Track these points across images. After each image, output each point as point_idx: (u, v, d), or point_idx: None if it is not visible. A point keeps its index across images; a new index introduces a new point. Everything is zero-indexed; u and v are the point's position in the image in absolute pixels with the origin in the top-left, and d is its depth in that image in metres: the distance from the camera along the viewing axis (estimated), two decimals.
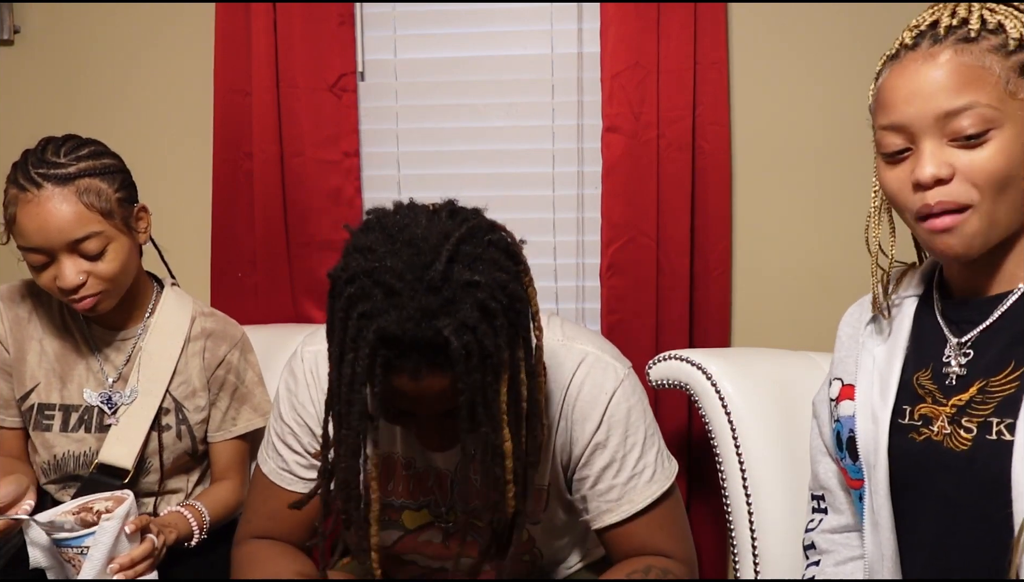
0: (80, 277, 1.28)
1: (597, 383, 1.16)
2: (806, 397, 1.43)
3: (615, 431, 1.15)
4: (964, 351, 0.98)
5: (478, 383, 0.92)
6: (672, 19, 1.69)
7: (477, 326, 0.90)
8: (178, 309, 1.45)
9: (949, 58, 0.93)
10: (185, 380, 1.43)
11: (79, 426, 1.38)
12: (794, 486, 1.39)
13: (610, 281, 1.76)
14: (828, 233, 1.78)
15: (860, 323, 1.13)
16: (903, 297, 1.08)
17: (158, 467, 1.40)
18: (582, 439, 1.15)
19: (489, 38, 1.83)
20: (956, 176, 0.92)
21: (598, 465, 1.15)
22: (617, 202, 1.74)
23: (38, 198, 1.26)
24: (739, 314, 1.82)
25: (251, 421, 1.49)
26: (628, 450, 1.16)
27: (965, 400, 0.96)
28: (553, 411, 1.15)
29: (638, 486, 1.16)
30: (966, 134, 0.91)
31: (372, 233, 0.95)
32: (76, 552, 1.18)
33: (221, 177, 1.82)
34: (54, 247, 1.27)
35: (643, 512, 1.16)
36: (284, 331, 1.70)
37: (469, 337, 0.89)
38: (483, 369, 0.92)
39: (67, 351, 1.41)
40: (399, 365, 0.91)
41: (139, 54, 1.88)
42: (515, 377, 0.97)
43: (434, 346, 0.89)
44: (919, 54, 0.95)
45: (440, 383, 0.93)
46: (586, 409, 1.15)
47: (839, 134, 1.76)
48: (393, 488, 1.20)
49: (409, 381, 0.92)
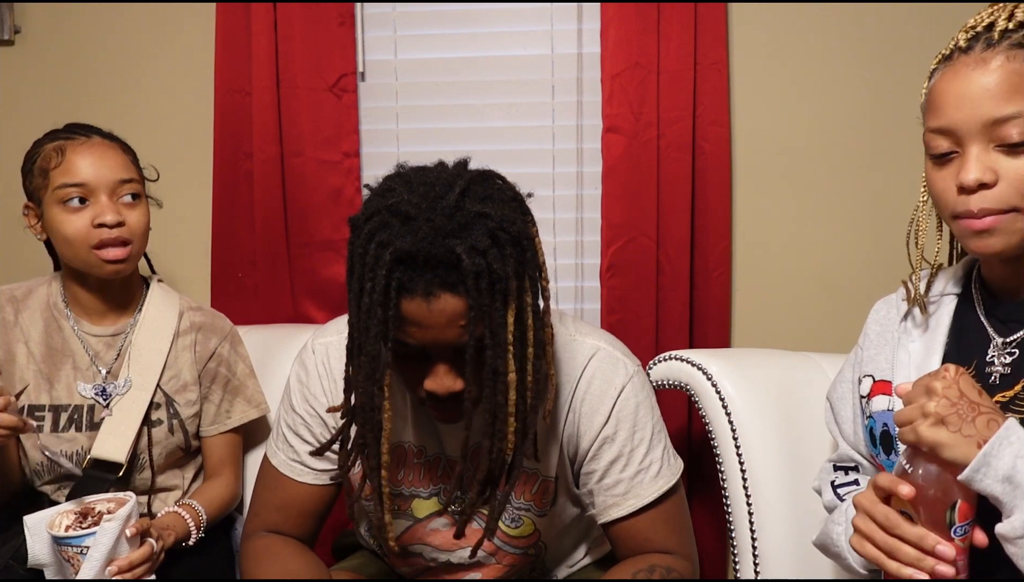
0: (119, 217, 1.35)
1: (607, 378, 1.18)
2: (806, 397, 1.43)
3: (623, 426, 1.17)
4: (1009, 351, 0.99)
5: (487, 307, 0.97)
6: (672, 19, 1.69)
7: (487, 250, 0.96)
8: (165, 304, 1.46)
9: (1001, 64, 0.93)
10: (175, 374, 1.43)
11: (69, 425, 1.38)
12: (794, 486, 1.39)
13: (610, 281, 1.76)
14: (828, 233, 1.78)
15: (890, 320, 1.14)
16: (941, 295, 1.09)
17: (151, 462, 1.40)
18: (590, 432, 1.17)
19: (489, 38, 1.83)
20: (1000, 181, 0.93)
21: (606, 459, 1.18)
22: (617, 202, 1.75)
23: (90, 141, 1.38)
24: (739, 314, 1.82)
25: (245, 413, 1.50)
26: (636, 445, 1.18)
27: (1009, 397, 0.97)
28: (563, 402, 1.18)
29: (644, 481, 1.18)
30: (1012, 142, 0.92)
31: (391, 180, 1.04)
32: (76, 551, 1.18)
33: (221, 177, 1.82)
34: (101, 183, 1.34)
35: (648, 507, 1.18)
36: (284, 331, 1.70)
37: (480, 259, 0.95)
38: (492, 293, 0.97)
39: (54, 352, 1.41)
40: (412, 287, 0.97)
41: (139, 54, 1.88)
42: (522, 311, 1.01)
43: (447, 264, 0.96)
44: (971, 58, 0.95)
45: (452, 305, 0.97)
46: (595, 403, 1.17)
47: (839, 134, 1.76)
48: (404, 477, 1.22)
49: (422, 303, 0.97)
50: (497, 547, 1.25)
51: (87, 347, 1.41)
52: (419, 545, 1.26)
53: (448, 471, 1.22)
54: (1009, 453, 0.83)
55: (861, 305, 1.26)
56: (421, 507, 1.24)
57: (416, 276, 0.97)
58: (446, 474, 1.22)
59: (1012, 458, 0.83)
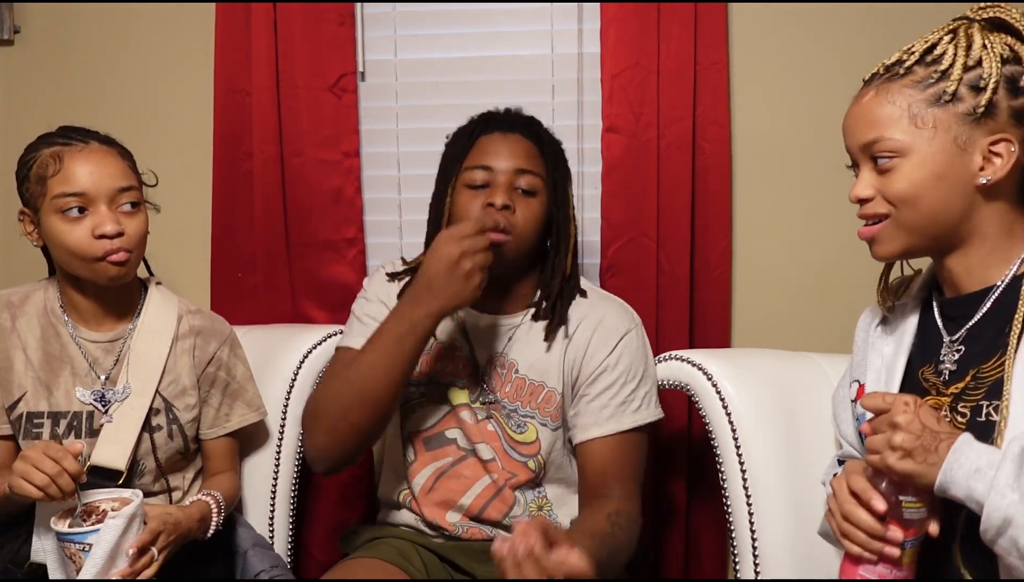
0: (119, 227, 1.32)
1: (620, 317, 1.42)
2: (806, 397, 1.43)
3: (623, 359, 1.38)
4: (956, 348, 1.08)
5: (552, 160, 1.41)
6: (672, 19, 1.69)
7: (551, 133, 1.46)
8: (164, 308, 1.45)
9: (870, 98, 1.09)
10: (174, 379, 1.42)
11: (68, 432, 1.37)
12: (794, 486, 1.39)
13: (610, 281, 1.76)
14: (828, 233, 1.78)
15: (871, 326, 1.21)
16: (910, 299, 1.17)
17: (153, 468, 1.39)
18: (594, 361, 1.38)
19: (489, 38, 1.83)
20: (876, 196, 1.08)
21: (601, 385, 1.37)
22: (617, 202, 1.75)
23: (88, 148, 1.34)
24: (739, 314, 1.82)
25: (244, 417, 1.49)
26: (628, 379, 1.38)
27: (961, 387, 1.05)
28: (572, 326, 1.41)
29: (627, 412, 1.37)
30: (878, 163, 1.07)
31: None
32: (78, 548, 1.18)
33: (221, 177, 1.82)
34: (100, 192, 1.32)
35: (622, 435, 1.36)
36: (284, 331, 1.70)
37: (546, 132, 1.45)
38: (557, 157, 1.43)
39: (52, 358, 1.39)
40: (493, 126, 1.41)
41: (139, 54, 1.88)
42: (569, 201, 1.44)
43: (524, 119, 1.44)
44: (857, 94, 1.13)
45: (522, 143, 1.39)
46: (605, 336, 1.39)
47: (839, 134, 1.74)
48: (442, 368, 1.45)
49: (499, 136, 1.40)
50: (503, 449, 1.42)
51: (85, 353, 1.40)
52: (455, 429, 1.44)
53: (472, 370, 1.44)
54: (962, 476, 0.93)
55: (861, 305, 1.27)
56: (457, 395, 1.44)
57: (497, 122, 1.42)
58: (473, 374, 1.44)
59: (965, 480, 0.93)
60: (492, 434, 1.42)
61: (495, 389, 1.43)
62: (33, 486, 1.17)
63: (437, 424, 1.45)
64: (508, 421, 1.42)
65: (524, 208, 1.36)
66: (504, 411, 1.42)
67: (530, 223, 1.37)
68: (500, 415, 1.42)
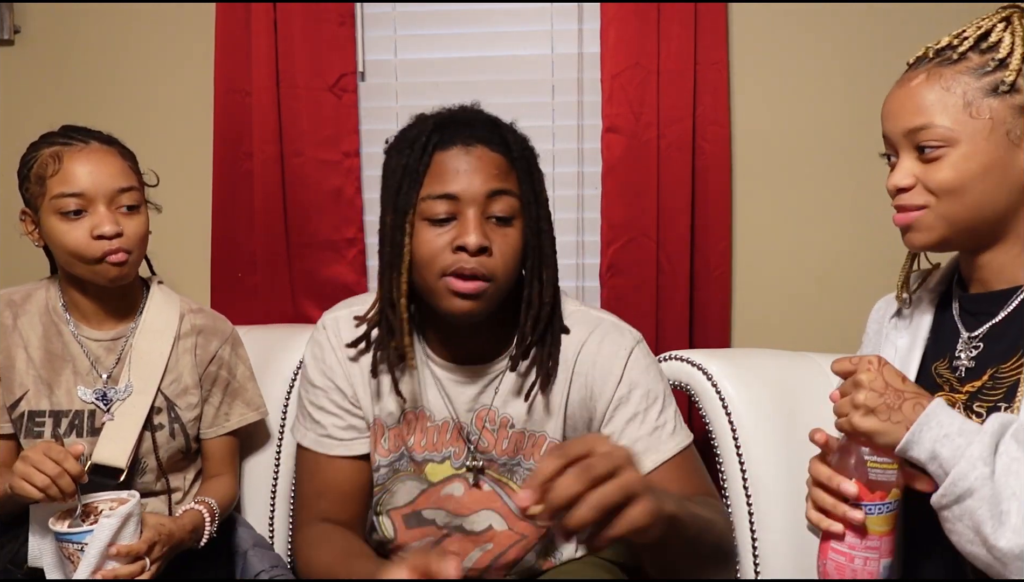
0: (118, 228, 1.32)
1: (616, 342, 1.24)
2: (806, 397, 1.43)
3: (637, 386, 1.22)
4: (974, 344, 1.05)
5: (524, 170, 1.16)
6: (672, 19, 1.69)
7: (518, 133, 1.18)
8: (167, 307, 1.45)
9: (920, 82, 1.02)
10: (176, 378, 1.42)
11: (70, 431, 1.37)
12: (794, 486, 1.38)
13: (610, 281, 1.76)
14: (828, 233, 1.78)
15: (885, 318, 1.19)
16: (927, 293, 1.15)
17: (154, 467, 1.40)
18: (604, 396, 1.22)
19: (489, 38, 1.83)
20: (917, 185, 1.02)
21: (621, 419, 1.21)
22: (617, 202, 1.75)
23: (88, 148, 1.34)
24: (739, 314, 1.82)
25: (244, 416, 1.49)
26: (650, 403, 1.22)
27: (978, 387, 1.02)
28: (566, 365, 1.23)
29: (663, 437, 1.21)
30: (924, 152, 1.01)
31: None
32: (76, 548, 1.18)
33: (221, 177, 1.82)
34: (99, 192, 1.31)
35: (669, 460, 1.20)
36: (284, 331, 1.70)
37: (513, 131, 1.18)
38: (529, 164, 1.17)
39: (53, 357, 1.39)
40: (451, 138, 1.12)
41: (139, 54, 1.88)
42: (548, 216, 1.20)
43: (485, 121, 1.16)
44: (902, 77, 1.06)
45: (489, 157, 1.13)
46: (607, 365, 1.22)
47: (839, 134, 1.76)
48: (416, 443, 1.26)
49: (460, 152, 1.12)
50: (511, 510, 1.26)
51: (87, 352, 1.40)
52: (433, 510, 1.27)
53: (458, 433, 1.25)
54: (929, 437, 0.91)
55: (861, 305, 1.27)
56: (435, 471, 1.27)
57: (455, 133, 1.12)
58: (455, 436, 1.25)
59: (931, 443, 0.91)
60: (491, 496, 1.24)
61: (488, 449, 1.25)
62: (34, 487, 1.17)
63: (412, 503, 1.28)
64: (511, 476, 1.26)
65: (502, 242, 1.14)
66: (504, 468, 1.26)
67: (510, 261, 1.15)
68: (497, 473, 1.26)
